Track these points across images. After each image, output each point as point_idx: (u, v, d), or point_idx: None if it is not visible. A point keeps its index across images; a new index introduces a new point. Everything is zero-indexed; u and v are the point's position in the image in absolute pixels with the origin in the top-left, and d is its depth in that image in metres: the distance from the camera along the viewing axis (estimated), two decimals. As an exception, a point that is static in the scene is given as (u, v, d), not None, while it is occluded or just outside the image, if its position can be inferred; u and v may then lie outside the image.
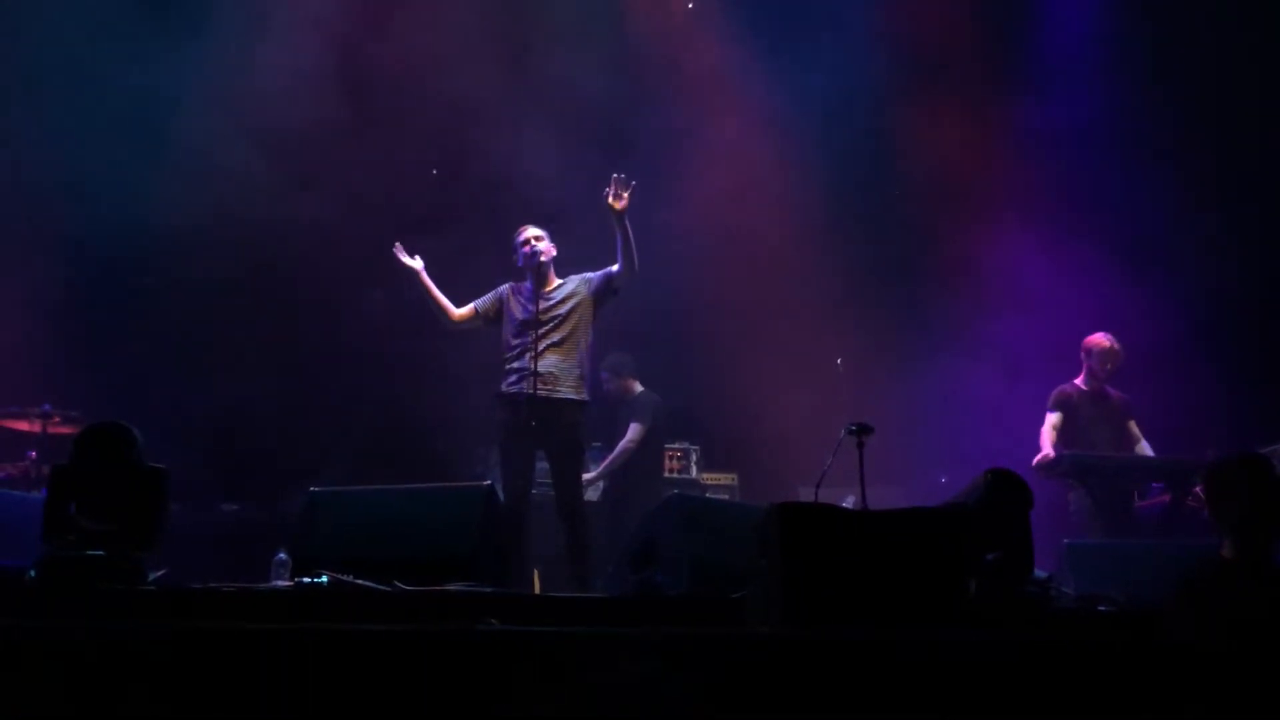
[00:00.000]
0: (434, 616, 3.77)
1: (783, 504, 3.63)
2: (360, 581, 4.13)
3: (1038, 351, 7.41)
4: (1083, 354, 6.82)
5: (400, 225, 6.40)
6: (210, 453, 6.99)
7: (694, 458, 7.68)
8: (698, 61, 7.92)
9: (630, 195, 5.69)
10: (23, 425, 6.75)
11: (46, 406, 6.57)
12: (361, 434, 7.24)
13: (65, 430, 6.51)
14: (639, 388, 7.47)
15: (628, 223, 5.76)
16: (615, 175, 5.70)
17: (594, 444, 7.71)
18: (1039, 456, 6.43)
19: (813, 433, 6.75)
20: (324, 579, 4.20)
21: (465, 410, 7.09)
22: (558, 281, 6.03)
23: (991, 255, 7.94)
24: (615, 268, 5.90)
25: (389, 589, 4.06)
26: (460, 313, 6.11)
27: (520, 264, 6.02)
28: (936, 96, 8.00)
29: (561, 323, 5.88)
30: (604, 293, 5.96)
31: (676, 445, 7.65)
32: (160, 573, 4.19)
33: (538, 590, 6.10)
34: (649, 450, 7.34)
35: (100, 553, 3.87)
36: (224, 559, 5.93)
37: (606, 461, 7.33)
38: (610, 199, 5.71)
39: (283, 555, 4.72)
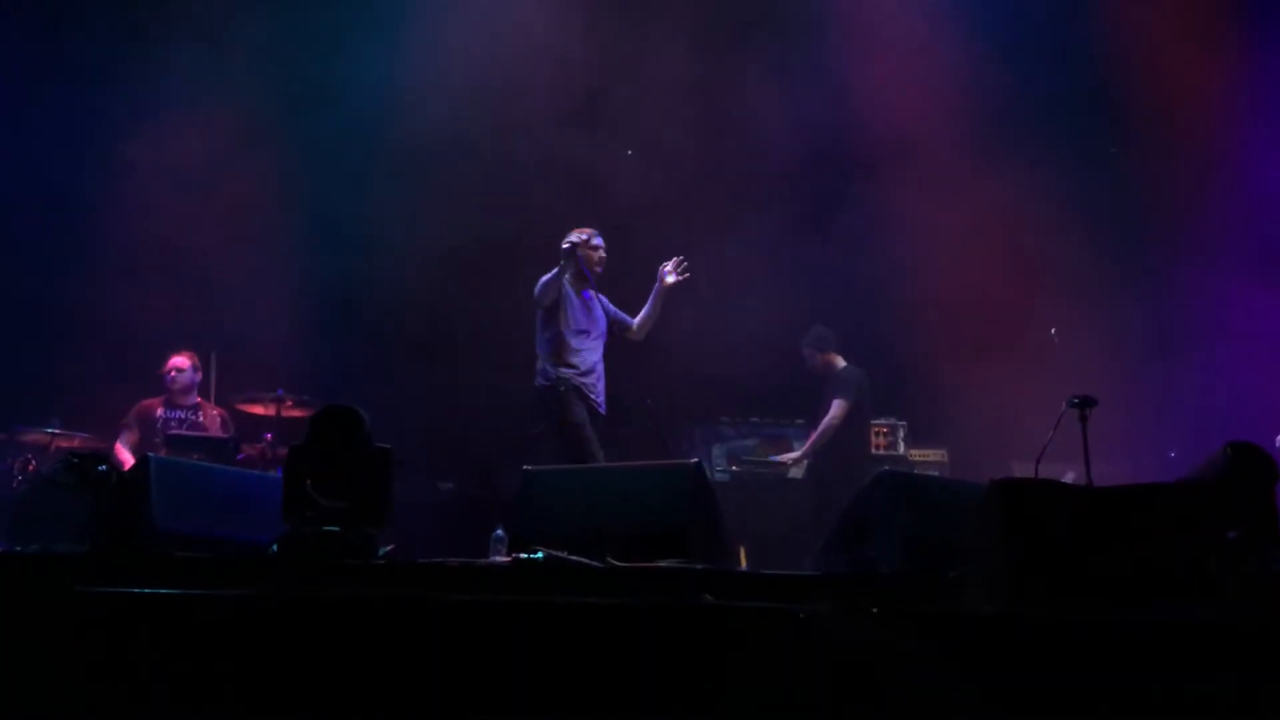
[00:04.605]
0: (646, 592, 3.81)
1: (1004, 480, 3.52)
2: (574, 558, 4.20)
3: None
4: None
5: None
6: (428, 434, 7.29)
7: (901, 434, 7.50)
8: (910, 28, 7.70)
9: (681, 276, 6.08)
10: (259, 409, 7.20)
11: (280, 391, 6.96)
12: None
13: (297, 414, 6.88)
14: (842, 362, 7.35)
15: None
16: (678, 258, 6.08)
17: (797, 421, 7.66)
18: None
19: (1024, 407, 6.48)
20: (539, 555, 4.31)
21: (672, 386, 7.18)
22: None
23: (1215, 209, 7.42)
24: (634, 321, 6.21)
25: (602, 565, 4.13)
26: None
27: (599, 269, 6.14)
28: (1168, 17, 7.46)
29: None
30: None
31: (883, 421, 7.49)
32: (389, 548, 4.39)
33: (744, 566, 6.10)
34: (854, 427, 7.22)
35: (335, 528, 4.06)
36: (442, 535, 6.18)
37: (811, 439, 7.25)
38: (667, 276, 6.06)
39: (500, 532, 4.88)
